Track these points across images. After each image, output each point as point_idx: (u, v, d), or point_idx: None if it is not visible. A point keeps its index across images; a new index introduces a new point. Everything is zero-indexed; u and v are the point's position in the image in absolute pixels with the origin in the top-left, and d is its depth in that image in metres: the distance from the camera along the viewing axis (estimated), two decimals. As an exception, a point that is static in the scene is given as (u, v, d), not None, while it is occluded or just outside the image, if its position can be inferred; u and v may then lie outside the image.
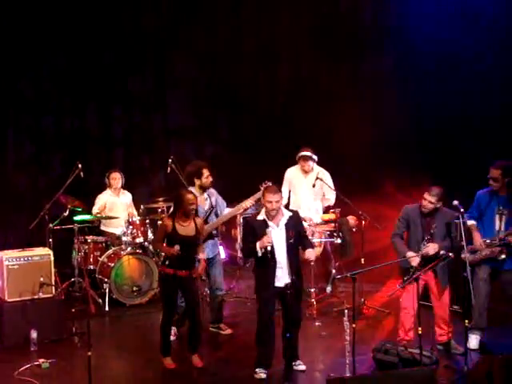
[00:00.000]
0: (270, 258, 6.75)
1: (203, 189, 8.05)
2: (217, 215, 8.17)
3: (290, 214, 6.91)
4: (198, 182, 8.05)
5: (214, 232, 8.15)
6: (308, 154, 9.25)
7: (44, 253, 8.29)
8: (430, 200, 7.22)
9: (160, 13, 11.40)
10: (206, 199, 8.09)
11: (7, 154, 10.66)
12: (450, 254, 6.87)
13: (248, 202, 8.06)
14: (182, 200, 7.09)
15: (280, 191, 6.96)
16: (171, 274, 7.07)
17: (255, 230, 6.82)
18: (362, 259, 8.65)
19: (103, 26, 10.97)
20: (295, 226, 6.89)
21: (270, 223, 6.81)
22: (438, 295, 7.34)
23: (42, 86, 10.77)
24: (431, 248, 7.16)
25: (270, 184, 7.51)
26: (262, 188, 7.86)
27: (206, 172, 8.01)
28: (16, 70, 10.58)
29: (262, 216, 6.87)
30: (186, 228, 7.10)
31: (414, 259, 7.14)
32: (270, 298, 6.87)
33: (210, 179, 8.05)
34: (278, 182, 9.30)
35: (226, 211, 8.26)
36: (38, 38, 10.66)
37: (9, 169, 10.69)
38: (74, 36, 10.84)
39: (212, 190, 8.21)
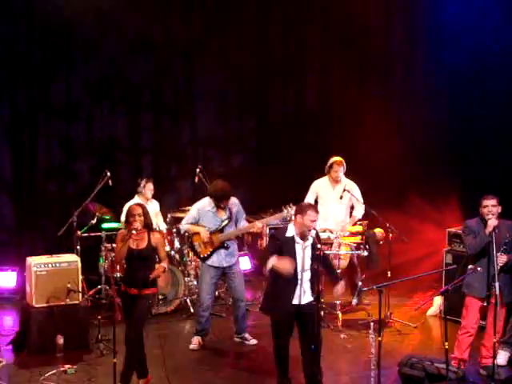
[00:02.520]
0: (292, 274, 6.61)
1: (217, 207, 8.15)
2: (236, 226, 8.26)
3: (315, 231, 6.75)
4: (214, 202, 8.15)
5: (227, 243, 8.16)
6: (340, 159, 9.23)
7: (72, 259, 8.35)
8: (492, 203, 6.96)
9: (190, 24, 11.45)
10: (225, 210, 8.16)
11: (37, 161, 10.73)
12: (479, 269, 6.78)
13: (260, 224, 8.14)
14: (126, 214, 6.95)
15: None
16: (123, 291, 6.84)
17: (282, 245, 6.67)
18: (389, 272, 8.61)
19: (134, 36, 11.05)
20: (317, 245, 6.71)
21: (297, 239, 6.68)
22: (496, 311, 6.87)
23: (73, 94, 10.84)
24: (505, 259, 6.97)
25: (293, 207, 7.52)
26: (286, 209, 7.92)
27: (225, 203, 8.09)
28: (47, 77, 10.67)
29: (291, 232, 6.72)
30: (137, 241, 6.81)
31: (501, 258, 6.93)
32: (286, 317, 6.68)
33: (227, 205, 8.11)
34: (304, 194, 9.32)
35: (243, 224, 8.29)
36: (69, 46, 10.76)
37: (39, 176, 10.76)
38: (106, 45, 10.93)
39: (234, 201, 8.24)
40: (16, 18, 10.45)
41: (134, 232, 6.70)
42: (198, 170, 9.74)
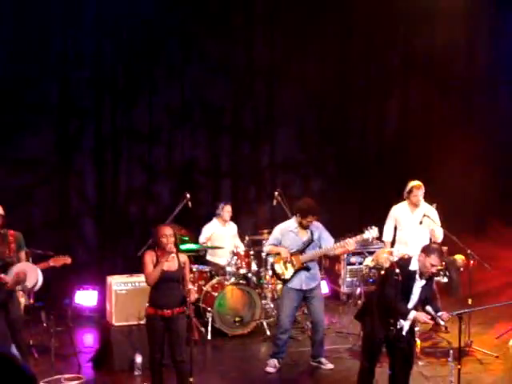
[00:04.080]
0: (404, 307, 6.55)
1: (301, 226, 8.10)
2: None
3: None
4: (298, 219, 8.12)
5: (308, 265, 8.11)
6: (420, 182, 9.12)
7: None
8: None
9: (271, 49, 11.56)
10: (306, 231, 8.12)
11: (119, 183, 10.97)
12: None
13: (349, 245, 8.05)
14: (155, 234, 6.92)
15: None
16: (152, 314, 6.80)
17: (403, 278, 6.48)
18: (470, 299, 8.39)
19: (215, 60, 11.22)
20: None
21: (417, 276, 6.55)
22: None
23: (155, 118, 11.07)
24: None
25: (374, 229, 7.48)
26: (368, 231, 7.86)
27: (310, 218, 8.04)
28: (130, 101, 10.93)
29: (414, 266, 6.56)
30: (169, 263, 6.82)
31: None
32: (378, 349, 6.70)
33: (310, 224, 8.07)
34: (383, 219, 9.23)
35: (329, 245, 8.22)
36: (152, 71, 11.00)
37: (120, 198, 10.99)
38: (188, 69, 11.13)
39: (318, 225, 8.21)
40: (102, 44, 10.75)
41: (172, 255, 6.75)
42: (276, 193, 9.77)
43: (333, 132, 12.00)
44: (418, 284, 6.57)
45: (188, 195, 9.55)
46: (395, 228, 9.32)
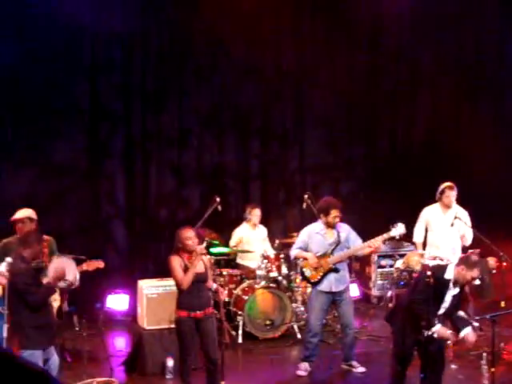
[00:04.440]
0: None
1: (328, 225, 8.07)
2: None
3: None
4: (323, 219, 8.10)
5: (336, 266, 8.08)
6: (452, 183, 9.05)
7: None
8: None
9: (300, 52, 11.56)
10: (333, 233, 8.10)
11: (149, 188, 11.01)
12: None
13: (376, 242, 8.00)
14: (179, 238, 6.95)
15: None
16: (184, 317, 6.85)
17: (440, 284, 6.43)
18: (503, 302, 8.30)
19: (244, 63, 11.23)
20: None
21: (451, 286, 6.48)
22: None
23: (184, 122, 11.11)
24: None
25: (401, 225, 7.48)
26: (394, 228, 7.82)
27: (334, 212, 8.02)
28: (160, 105, 10.98)
29: (449, 275, 6.50)
30: (194, 265, 6.87)
31: None
32: (418, 343, 6.62)
33: (337, 220, 8.04)
34: (414, 221, 9.17)
35: (357, 246, 8.19)
36: (181, 75, 11.05)
37: (151, 202, 11.04)
38: (217, 73, 11.16)
39: (345, 226, 8.19)
40: (132, 47, 10.81)
41: (204, 255, 6.87)
42: (306, 196, 9.75)
43: (362, 134, 11.97)
44: (452, 292, 6.52)
45: (218, 199, 9.56)
46: (426, 230, 9.27)
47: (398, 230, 7.90)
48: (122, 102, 10.85)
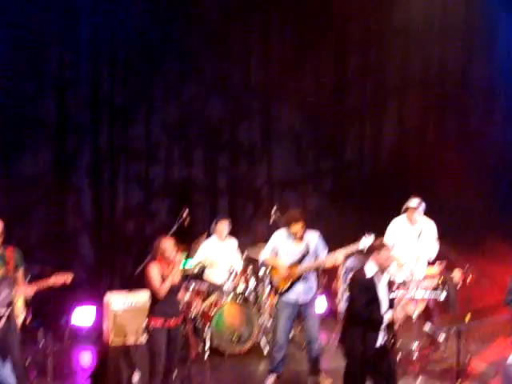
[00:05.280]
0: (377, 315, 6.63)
1: (295, 237, 8.09)
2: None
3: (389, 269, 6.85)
4: (288, 231, 8.14)
5: (305, 276, 8.09)
6: (417, 204, 9.12)
7: (147, 297, 8.41)
8: None
9: (268, 66, 11.59)
10: (302, 242, 8.12)
11: (117, 201, 10.95)
12: None
13: (340, 255, 8.03)
14: (159, 247, 7.12)
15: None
16: (157, 327, 6.94)
17: (367, 288, 6.64)
18: (468, 316, 8.37)
19: (212, 75, 11.25)
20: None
21: (378, 280, 6.67)
22: None
23: (152, 135, 11.08)
24: None
25: (372, 235, 7.49)
26: (365, 238, 7.86)
27: (295, 226, 8.05)
28: (128, 118, 10.94)
29: (371, 272, 6.71)
30: (172, 274, 7.06)
31: None
32: (368, 359, 6.65)
33: (299, 234, 8.07)
34: (382, 234, 9.21)
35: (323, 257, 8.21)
36: (150, 88, 11.02)
37: (118, 215, 10.97)
38: (184, 85, 11.14)
39: (314, 234, 8.22)
40: (100, 60, 10.77)
41: (184, 266, 6.97)
42: (273, 209, 9.77)
43: (329, 147, 12.01)
44: (382, 283, 6.67)
45: (186, 212, 9.54)
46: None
47: (366, 241, 7.91)
48: (89, 114, 10.79)
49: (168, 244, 7.11)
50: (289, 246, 8.15)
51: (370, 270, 6.71)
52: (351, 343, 6.73)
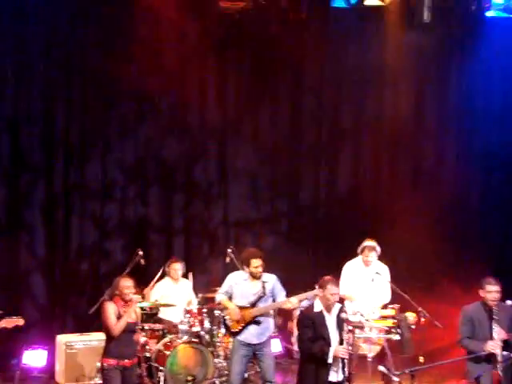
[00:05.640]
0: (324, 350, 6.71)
1: (252, 276, 8.10)
2: (274, 301, 8.20)
3: (340, 305, 7.01)
4: (246, 269, 8.14)
5: (259, 319, 8.09)
6: (373, 244, 9.23)
7: (101, 337, 8.30)
8: (497, 289, 7.15)
9: (224, 107, 11.67)
10: (258, 284, 8.12)
11: (71, 240, 10.86)
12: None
13: (295, 299, 8.07)
14: (117, 286, 7.16)
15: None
16: (111, 366, 6.95)
17: (314, 323, 6.77)
18: (421, 357, 8.43)
19: (168, 115, 11.29)
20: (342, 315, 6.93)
21: (326, 315, 6.80)
22: None
23: (108, 174, 11.05)
24: (500, 333, 7.03)
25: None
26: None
27: (254, 262, 8.07)
28: (83, 156, 10.91)
29: (318, 308, 6.88)
30: (128, 313, 7.10)
31: (496, 345, 6.97)
32: None
33: (260, 269, 8.09)
34: (338, 275, 9.27)
35: (280, 300, 8.22)
36: (105, 127, 11.02)
37: (72, 254, 10.87)
38: (140, 124, 11.17)
39: (271, 276, 8.23)
40: (55, 98, 10.75)
41: (138, 306, 7.10)
42: (229, 250, 9.78)
43: (285, 190, 12.08)
44: (330, 321, 6.83)
45: (141, 252, 9.51)
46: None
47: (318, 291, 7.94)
48: (43, 153, 10.74)
49: (127, 283, 7.12)
50: (244, 288, 8.15)
51: (318, 305, 6.89)
52: (304, 379, 6.86)
